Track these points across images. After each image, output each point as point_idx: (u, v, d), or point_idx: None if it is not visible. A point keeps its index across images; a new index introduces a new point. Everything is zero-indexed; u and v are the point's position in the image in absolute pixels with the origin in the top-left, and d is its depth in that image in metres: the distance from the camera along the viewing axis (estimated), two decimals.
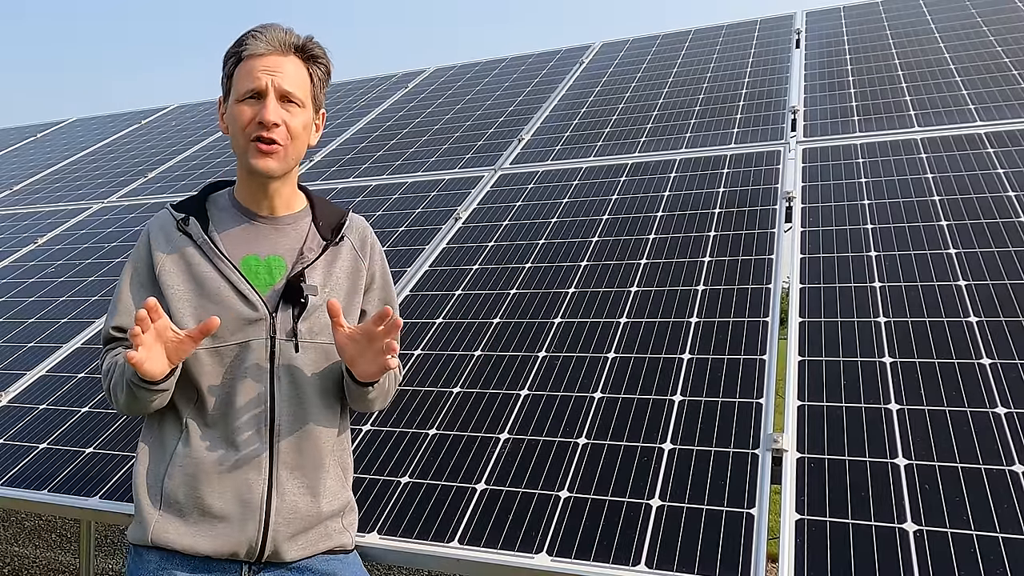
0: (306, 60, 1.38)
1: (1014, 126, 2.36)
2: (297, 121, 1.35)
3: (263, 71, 1.32)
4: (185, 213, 1.40)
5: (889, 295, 1.78)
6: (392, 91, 4.47)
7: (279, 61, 1.34)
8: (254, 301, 1.33)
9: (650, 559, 1.31)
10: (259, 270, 1.37)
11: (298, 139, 1.36)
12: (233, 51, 1.36)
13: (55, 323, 2.71)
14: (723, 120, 2.92)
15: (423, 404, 1.82)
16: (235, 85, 1.34)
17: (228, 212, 1.41)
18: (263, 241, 1.39)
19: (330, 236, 1.43)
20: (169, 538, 1.29)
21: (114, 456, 1.92)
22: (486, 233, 2.53)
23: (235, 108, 1.33)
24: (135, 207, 3.67)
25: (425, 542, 1.46)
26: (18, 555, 4.23)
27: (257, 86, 1.32)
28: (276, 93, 1.32)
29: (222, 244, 1.37)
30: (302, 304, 1.35)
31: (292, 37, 1.36)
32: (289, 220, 1.43)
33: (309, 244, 1.40)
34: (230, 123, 1.36)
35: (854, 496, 1.33)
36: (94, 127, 5.49)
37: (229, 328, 1.32)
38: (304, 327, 1.35)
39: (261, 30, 1.35)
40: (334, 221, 1.46)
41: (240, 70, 1.34)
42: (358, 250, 1.46)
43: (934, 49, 3.08)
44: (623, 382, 1.73)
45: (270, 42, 1.33)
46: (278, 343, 1.33)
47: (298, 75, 1.35)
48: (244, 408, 1.32)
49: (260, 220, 1.41)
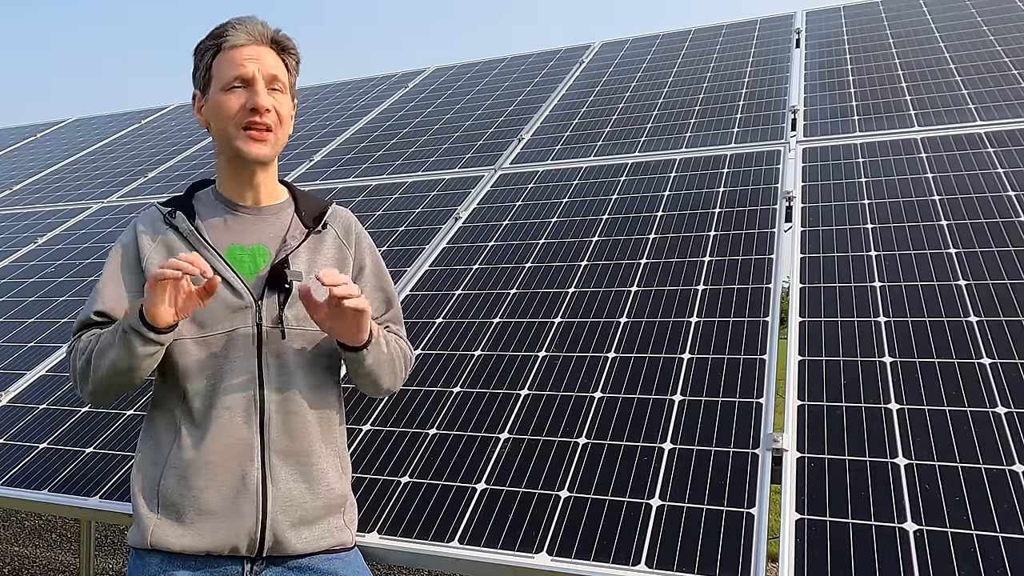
0: (279, 51, 1.41)
1: (1014, 126, 2.36)
2: (284, 107, 1.38)
3: (248, 59, 1.34)
4: (171, 208, 1.42)
5: (889, 295, 1.78)
6: (392, 91, 4.47)
7: (260, 51, 1.36)
8: (239, 289, 1.34)
9: (650, 559, 1.31)
10: (244, 258, 1.38)
11: (285, 123, 1.39)
12: (212, 43, 1.37)
13: (55, 323, 2.71)
14: (723, 120, 2.92)
15: (423, 404, 1.82)
16: (217, 75, 1.35)
17: (213, 205, 1.43)
18: (248, 230, 1.41)
19: (312, 224, 1.44)
20: (168, 540, 1.29)
21: (114, 456, 1.92)
22: (486, 233, 2.53)
23: (219, 97, 1.34)
24: (135, 207, 3.67)
25: (425, 542, 1.46)
26: (18, 555, 4.23)
27: (243, 73, 1.33)
28: (265, 79, 1.35)
29: (207, 234, 1.38)
30: (287, 290, 1.36)
31: (268, 29, 1.39)
32: (272, 210, 1.44)
33: (292, 232, 1.42)
34: (212, 115, 1.37)
35: (854, 496, 1.33)
36: (94, 127, 5.49)
37: (216, 317, 1.33)
38: (290, 314, 1.36)
39: (239, 22, 1.37)
40: (316, 211, 1.47)
41: (221, 60, 1.35)
42: (343, 239, 1.48)
43: (934, 49, 3.08)
44: (623, 382, 1.73)
45: (250, 33, 1.36)
46: (265, 330, 1.34)
47: (277, 64, 1.39)
48: (234, 396, 1.32)
49: (244, 211, 1.42)
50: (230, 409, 1.31)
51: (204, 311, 1.33)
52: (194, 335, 1.33)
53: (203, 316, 1.33)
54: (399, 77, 4.75)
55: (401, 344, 1.53)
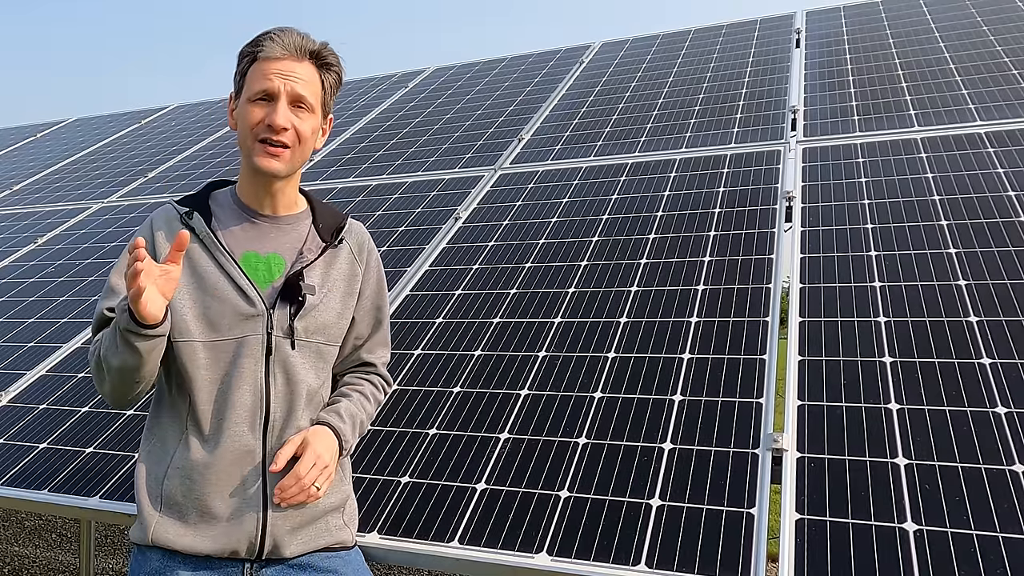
0: (319, 67, 1.39)
1: (1014, 126, 2.36)
2: (306, 126, 1.36)
3: (276, 74, 1.33)
4: (189, 207, 1.41)
5: (889, 295, 1.78)
6: (392, 91, 4.47)
7: (293, 65, 1.35)
8: (252, 297, 1.34)
9: (650, 559, 1.31)
10: (259, 267, 1.38)
11: (305, 143, 1.38)
12: (249, 50, 1.37)
13: (55, 323, 2.71)
14: (723, 120, 2.92)
15: (423, 404, 1.82)
16: (248, 84, 1.35)
17: (230, 209, 1.43)
18: (264, 239, 1.40)
19: (329, 238, 1.44)
20: (169, 538, 1.30)
21: (114, 456, 1.92)
22: (486, 233, 2.53)
23: (246, 107, 1.34)
24: (135, 207, 3.67)
25: (425, 542, 1.46)
26: (18, 555, 4.24)
27: (269, 88, 1.33)
28: (288, 97, 1.34)
29: (223, 239, 1.38)
30: (300, 302, 1.36)
31: (308, 43, 1.37)
32: (290, 220, 1.44)
33: (309, 245, 1.42)
34: (239, 121, 1.37)
35: (854, 496, 1.33)
36: (94, 127, 5.49)
37: (226, 322, 1.33)
38: (300, 325, 1.36)
39: (278, 33, 1.36)
40: (334, 224, 1.47)
41: (254, 70, 1.35)
42: (356, 255, 1.48)
43: (934, 49, 3.08)
44: (623, 382, 1.73)
45: (286, 46, 1.34)
46: (274, 339, 1.34)
47: (311, 80, 1.37)
48: (240, 403, 1.32)
49: (262, 219, 1.42)
50: (236, 415, 1.32)
51: (215, 314, 1.33)
52: (205, 339, 1.33)
53: (214, 320, 1.33)
54: (399, 77, 4.75)
55: (366, 404, 1.49)
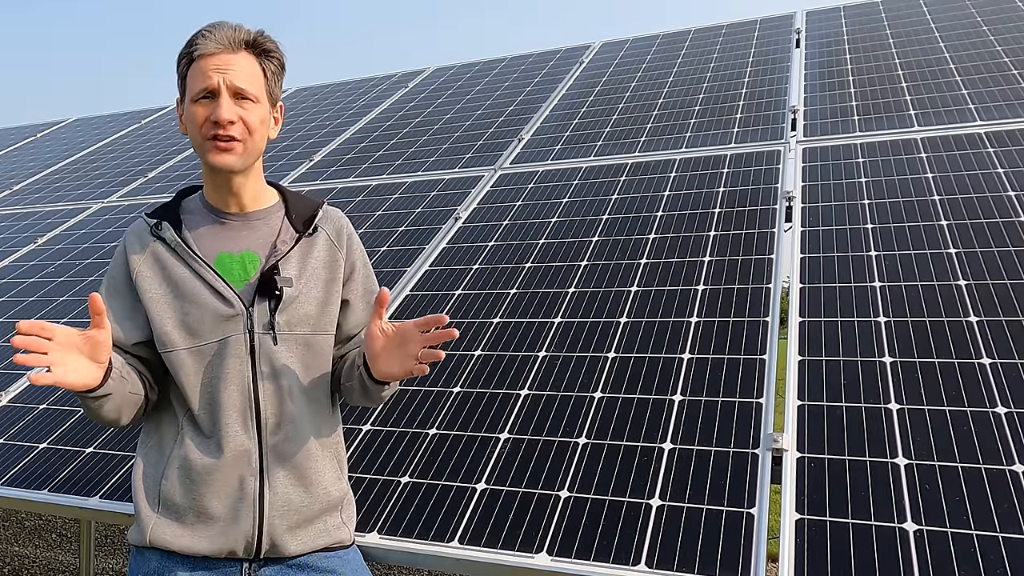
0: (258, 55, 1.37)
1: (1014, 126, 2.36)
2: (253, 116, 1.35)
3: (214, 70, 1.31)
4: (158, 219, 1.40)
5: (889, 295, 1.78)
6: (392, 91, 4.47)
7: (230, 58, 1.33)
8: (229, 298, 1.34)
9: (650, 559, 1.31)
10: (233, 266, 1.37)
11: (256, 133, 1.36)
12: (185, 52, 1.36)
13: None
14: (723, 120, 2.92)
15: (423, 404, 1.82)
16: (189, 85, 1.34)
17: (200, 213, 1.42)
18: (235, 238, 1.39)
19: (303, 228, 1.43)
20: (167, 539, 1.30)
21: (114, 456, 1.92)
22: (486, 233, 2.53)
23: (191, 108, 1.34)
24: (135, 207, 3.67)
25: (425, 542, 1.46)
26: (18, 555, 4.23)
27: (209, 85, 1.31)
28: (229, 91, 1.32)
29: (195, 244, 1.37)
30: (277, 296, 1.35)
31: (242, 33, 1.35)
32: (260, 215, 1.43)
33: (282, 237, 1.41)
34: (188, 124, 1.36)
35: (854, 496, 1.33)
36: (94, 127, 5.49)
37: (207, 326, 1.33)
38: (282, 319, 1.35)
39: (210, 28, 1.34)
40: (307, 213, 1.46)
41: (192, 70, 1.34)
42: (334, 240, 1.46)
43: (934, 49, 3.08)
44: (623, 382, 1.73)
45: (220, 40, 1.33)
46: (257, 337, 1.34)
47: (251, 71, 1.35)
48: (230, 404, 1.32)
49: (230, 217, 1.41)
50: (227, 416, 1.32)
51: (194, 320, 1.33)
52: (188, 346, 1.33)
53: (194, 325, 1.33)
54: (399, 77, 4.75)
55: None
